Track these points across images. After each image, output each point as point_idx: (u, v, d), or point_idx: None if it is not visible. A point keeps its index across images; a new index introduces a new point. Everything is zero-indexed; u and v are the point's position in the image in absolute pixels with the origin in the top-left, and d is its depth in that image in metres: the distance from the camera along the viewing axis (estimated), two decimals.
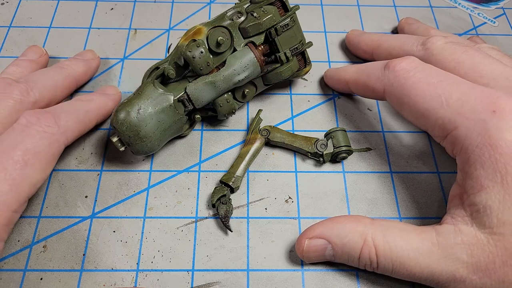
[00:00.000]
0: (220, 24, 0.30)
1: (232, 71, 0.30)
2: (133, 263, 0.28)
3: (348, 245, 0.25)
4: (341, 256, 0.26)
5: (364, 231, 0.25)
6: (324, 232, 0.26)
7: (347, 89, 0.33)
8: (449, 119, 0.24)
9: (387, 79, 0.27)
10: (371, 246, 0.24)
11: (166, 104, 0.29)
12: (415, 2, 0.42)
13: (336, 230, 0.25)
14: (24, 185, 0.24)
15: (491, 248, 0.22)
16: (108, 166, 0.32)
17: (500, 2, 0.42)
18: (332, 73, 0.35)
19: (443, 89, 0.24)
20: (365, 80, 0.29)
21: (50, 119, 0.27)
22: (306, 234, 0.26)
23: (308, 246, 0.26)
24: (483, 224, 0.22)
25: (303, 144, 0.31)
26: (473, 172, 0.22)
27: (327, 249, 0.26)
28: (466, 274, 0.22)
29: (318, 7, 0.42)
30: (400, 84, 0.26)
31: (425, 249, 0.23)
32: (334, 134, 0.31)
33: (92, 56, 0.36)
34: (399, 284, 0.27)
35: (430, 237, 0.23)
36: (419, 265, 0.23)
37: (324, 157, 0.31)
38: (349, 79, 0.32)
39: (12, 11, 0.40)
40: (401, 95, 0.26)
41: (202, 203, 0.30)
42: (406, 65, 0.26)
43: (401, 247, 0.23)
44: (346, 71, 0.33)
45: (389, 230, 0.24)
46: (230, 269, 0.28)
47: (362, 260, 0.25)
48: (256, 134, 0.32)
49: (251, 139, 0.32)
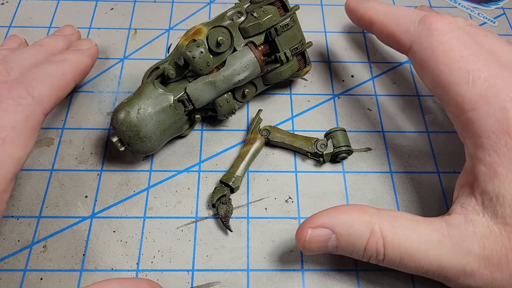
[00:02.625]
0: (220, 24, 0.30)
1: (232, 71, 0.30)
2: (133, 263, 0.28)
3: (354, 235, 0.23)
4: (345, 247, 0.23)
5: (371, 221, 0.23)
6: (328, 221, 0.23)
7: (369, 29, 0.29)
8: (470, 99, 0.22)
9: (418, 35, 0.25)
10: (378, 237, 0.22)
11: (166, 104, 0.29)
12: (415, 2, 0.42)
13: (341, 220, 0.23)
14: (6, 163, 0.23)
15: (504, 241, 0.21)
16: (108, 166, 0.32)
17: (500, 2, 0.42)
18: (356, 5, 0.30)
19: (474, 65, 0.23)
20: (393, 28, 0.27)
21: (22, 90, 0.25)
22: (308, 223, 0.24)
23: (311, 237, 0.24)
24: (496, 213, 0.21)
25: (303, 144, 0.31)
26: (486, 158, 0.21)
27: (330, 239, 0.23)
28: (477, 268, 0.21)
29: (318, 7, 0.42)
30: (430, 47, 0.24)
31: (435, 241, 0.22)
32: (334, 134, 0.31)
33: (72, 31, 0.34)
34: (399, 284, 0.27)
35: (440, 228, 0.22)
36: (429, 258, 0.22)
37: (324, 157, 0.31)
38: (375, 19, 0.28)
39: (12, 11, 0.40)
40: (427, 59, 0.24)
41: (202, 203, 0.30)
42: (443, 26, 0.24)
43: (410, 238, 0.22)
44: (374, 8, 0.29)
45: (397, 221, 0.23)
46: (230, 269, 0.28)
47: (368, 252, 0.23)
48: (256, 134, 0.32)
49: (251, 139, 0.32)
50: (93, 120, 0.34)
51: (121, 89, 0.35)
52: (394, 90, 0.36)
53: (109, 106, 0.35)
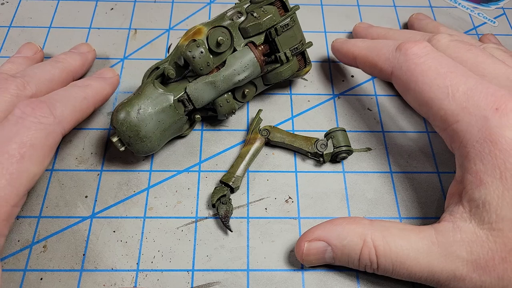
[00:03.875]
0: (220, 24, 0.30)
1: (232, 71, 0.30)
2: (133, 263, 0.28)
3: (348, 246, 0.25)
4: (341, 258, 0.25)
5: (363, 232, 0.24)
6: (323, 234, 0.25)
7: (354, 63, 0.32)
8: (452, 111, 0.24)
9: (397, 61, 0.27)
10: (370, 247, 0.24)
11: (166, 104, 0.29)
12: (415, 2, 0.42)
13: (335, 232, 0.25)
14: (22, 178, 0.24)
15: (490, 245, 0.21)
16: (108, 166, 0.32)
17: (500, 2, 0.42)
18: (340, 45, 0.33)
19: (451, 80, 0.24)
20: (374, 58, 0.29)
21: (45, 109, 0.26)
22: (305, 237, 0.26)
23: (308, 249, 0.26)
24: (482, 220, 0.22)
25: (303, 144, 0.31)
26: (472, 167, 0.22)
27: (326, 251, 0.25)
28: (466, 272, 0.22)
29: (318, 7, 0.42)
30: (409, 69, 0.26)
31: (425, 248, 0.23)
32: (334, 134, 0.31)
33: (87, 49, 0.35)
34: (399, 285, 0.27)
35: (429, 236, 0.23)
36: (419, 265, 0.23)
37: (324, 157, 0.31)
38: (357, 54, 0.31)
39: (12, 11, 0.40)
40: (408, 81, 0.26)
41: (202, 203, 0.30)
42: (418, 50, 0.26)
43: (401, 246, 0.23)
44: (355, 45, 0.32)
45: (388, 231, 0.24)
46: (230, 269, 0.28)
47: (362, 261, 0.25)
48: (256, 134, 0.32)
49: (251, 139, 0.32)
50: (93, 120, 0.34)
51: (121, 89, 0.35)
52: (394, 90, 0.36)
53: (109, 106, 0.35)
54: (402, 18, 0.41)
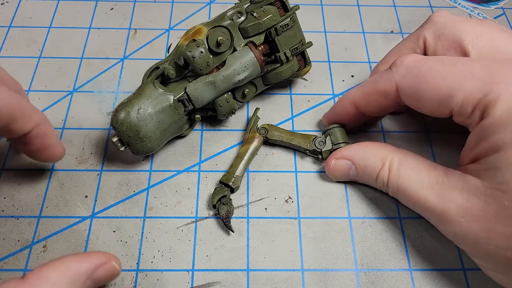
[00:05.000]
0: (220, 24, 0.30)
1: (232, 71, 0.30)
2: (133, 263, 0.28)
3: (369, 167, 0.28)
4: (362, 176, 0.29)
5: (385, 156, 0.27)
6: (349, 154, 0.29)
7: (355, 112, 0.30)
8: (478, 89, 0.23)
9: (397, 74, 0.27)
10: (386, 170, 0.27)
11: (166, 104, 0.29)
12: (415, 2, 0.42)
13: (361, 154, 0.28)
14: None
15: (489, 200, 0.22)
16: (108, 166, 0.32)
17: (500, 2, 0.42)
18: (331, 109, 0.32)
19: (462, 65, 0.24)
20: (373, 88, 0.28)
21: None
22: (334, 155, 0.30)
23: (334, 165, 0.30)
24: (491, 179, 0.22)
25: (301, 141, 0.31)
26: (495, 135, 0.22)
27: (351, 169, 0.29)
28: (455, 215, 0.23)
29: (318, 7, 0.42)
30: (414, 74, 0.26)
31: (427, 184, 0.25)
32: (332, 131, 0.31)
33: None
34: (399, 284, 0.27)
35: (437, 176, 0.25)
36: (417, 196, 0.25)
37: (323, 154, 0.31)
38: (353, 97, 0.30)
39: (12, 11, 0.40)
40: (417, 84, 0.25)
41: (202, 203, 0.30)
42: (413, 58, 0.26)
43: (408, 176, 0.26)
44: (346, 95, 0.30)
45: (406, 160, 0.27)
46: (230, 269, 0.28)
47: (378, 181, 0.28)
48: (254, 133, 0.32)
49: (249, 138, 0.32)
50: (93, 120, 0.34)
51: (121, 89, 0.35)
52: None
53: (109, 106, 0.35)
54: (402, 18, 0.41)
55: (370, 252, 0.28)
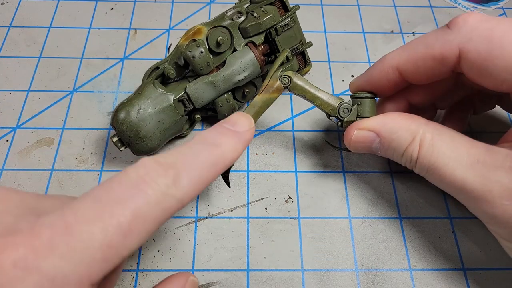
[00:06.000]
0: (220, 24, 0.30)
1: (232, 71, 0.30)
2: (133, 263, 0.28)
3: (397, 140, 0.25)
4: (387, 150, 0.25)
5: (416, 130, 0.24)
6: (375, 125, 0.25)
7: (398, 79, 0.26)
8: None
9: (460, 36, 0.23)
10: (416, 145, 0.24)
11: (166, 104, 0.29)
12: (415, 2, 0.42)
13: (388, 125, 0.25)
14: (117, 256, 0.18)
15: None
16: (108, 166, 0.32)
17: (500, 2, 0.42)
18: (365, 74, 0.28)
19: None
20: (425, 51, 0.24)
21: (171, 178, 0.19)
22: (356, 124, 0.26)
23: (356, 137, 0.26)
24: None
25: (324, 104, 0.28)
26: None
27: (374, 142, 0.26)
28: (499, 197, 0.21)
29: (318, 7, 0.42)
30: (484, 36, 0.22)
31: (467, 163, 0.22)
32: (362, 101, 0.27)
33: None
34: (399, 284, 0.27)
35: (478, 153, 0.22)
36: (454, 176, 0.22)
37: (344, 124, 0.28)
38: (397, 62, 0.26)
39: (12, 11, 0.40)
40: (489, 48, 0.22)
41: (202, 203, 0.30)
42: (479, 16, 0.23)
43: (443, 153, 0.23)
44: (387, 59, 0.26)
45: (440, 135, 0.23)
46: (230, 269, 0.28)
47: (405, 157, 0.25)
48: (275, 80, 0.27)
49: (268, 86, 0.27)
50: (93, 120, 0.34)
51: (121, 89, 0.35)
52: None
53: (109, 106, 0.35)
54: (402, 18, 0.41)
55: (370, 252, 0.28)
